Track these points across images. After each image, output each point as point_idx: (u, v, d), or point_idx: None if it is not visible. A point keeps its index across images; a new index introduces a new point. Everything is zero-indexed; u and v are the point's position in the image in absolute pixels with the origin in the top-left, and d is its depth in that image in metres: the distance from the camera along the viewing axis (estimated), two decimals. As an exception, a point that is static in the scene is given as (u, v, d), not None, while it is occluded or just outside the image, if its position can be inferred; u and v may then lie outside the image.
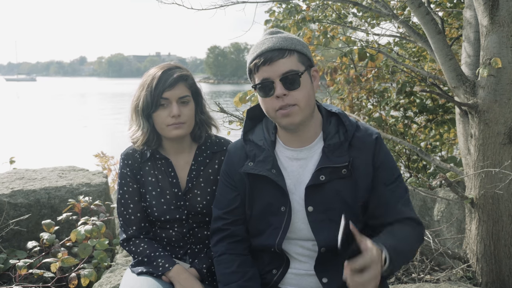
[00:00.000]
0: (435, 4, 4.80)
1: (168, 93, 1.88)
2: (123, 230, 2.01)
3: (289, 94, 1.60)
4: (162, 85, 1.88)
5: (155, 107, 1.89)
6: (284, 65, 1.60)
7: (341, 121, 1.72)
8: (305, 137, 1.71)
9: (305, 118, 1.65)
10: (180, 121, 1.90)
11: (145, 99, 1.90)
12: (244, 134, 1.81)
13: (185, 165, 2.03)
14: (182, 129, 1.92)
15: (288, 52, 1.61)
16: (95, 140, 14.95)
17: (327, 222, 1.67)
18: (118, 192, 2.04)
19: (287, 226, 1.69)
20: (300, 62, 1.63)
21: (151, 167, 2.02)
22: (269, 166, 1.69)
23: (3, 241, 3.07)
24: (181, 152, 2.03)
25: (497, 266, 2.81)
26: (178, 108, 1.89)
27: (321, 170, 1.65)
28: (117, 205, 2.04)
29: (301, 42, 1.68)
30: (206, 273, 1.94)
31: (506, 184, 2.69)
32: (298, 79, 1.61)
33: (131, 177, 2.01)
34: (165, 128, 1.91)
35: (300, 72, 1.61)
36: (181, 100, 1.92)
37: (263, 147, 1.73)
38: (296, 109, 1.61)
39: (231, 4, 3.59)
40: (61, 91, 66.80)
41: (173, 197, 1.99)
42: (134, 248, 1.97)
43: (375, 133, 1.70)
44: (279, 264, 1.75)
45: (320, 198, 1.66)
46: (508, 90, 2.61)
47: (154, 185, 2.00)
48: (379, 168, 1.68)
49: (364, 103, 5.39)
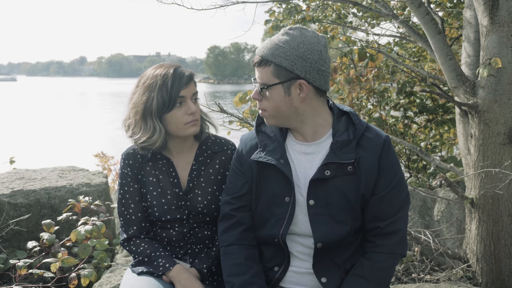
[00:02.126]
0: (435, 4, 4.80)
1: (184, 91, 1.89)
2: (124, 230, 2.01)
3: (261, 100, 1.74)
4: (178, 83, 1.88)
5: (171, 106, 1.88)
6: (259, 74, 1.71)
7: (351, 120, 1.76)
8: (312, 133, 1.76)
9: (279, 122, 1.77)
10: (198, 116, 1.93)
11: (159, 99, 1.87)
12: (256, 125, 1.87)
13: (186, 165, 2.03)
14: (198, 126, 1.95)
15: (264, 63, 1.69)
16: (95, 140, 14.95)
17: (326, 217, 1.70)
18: (118, 192, 2.03)
19: (291, 217, 1.73)
20: (274, 75, 1.68)
21: (152, 167, 2.01)
22: (277, 156, 1.74)
23: (3, 241, 3.07)
24: (182, 151, 2.03)
25: (497, 266, 2.81)
26: (194, 105, 1.92)
27: (327, 165, 1.68)
28: (118, 204, 2.03)
29: (288, 53, 1.65)
30: (207, 273, 1.94)
31: (506, 184, 2.69)
32: (264, 92, 1.71)
33: (132, 177, 2.01)
34: (183, 127, 1.91)
35: (266, 85, 1.69)
36: (194, 97, 1.94)
37: (274, 138, 1.79)
38: (266, 114, 1.75)
39: (231, 4, 3.59)
40: (43, 91, 65.44)
41: (174, 197, 1.98)
42: (135, 248, 1.96)
43: (385, 136, 1.74)
44: (280, 261, 1.78)
45: (322, 193, 1.69)
46: (508, 90, 2.61)
47: (155, 185, 2.00)
48: (384, 171, 1.70)
49: (364, 103, 5.38)
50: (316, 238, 1.70)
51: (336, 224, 1.70)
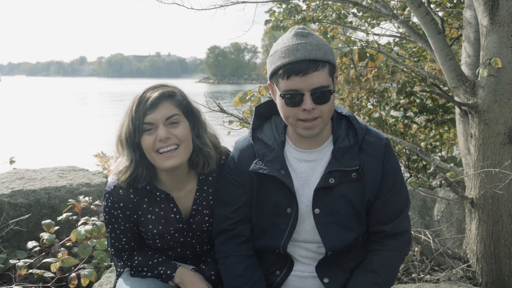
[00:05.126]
0: (435, 4, 4.80)
1: (151, 116, 1.65)
2: (114, 252, 1.89)
3: (316, 108, 1.57)
4: (142, 107, 1.64)
5: (139, 134, 1.66)
6: (316, 79, 1.54)
7: (351, 124, 1.72)
8: (315, 140, 1.70)
9: (324, 128, 1.65)
10: (171, 143, 1.66)
11: (128, 127, 1.67)
12: (252, 132, 1.77)
13: (188, 194, 1.85)
14: (175, 158, 1.67)
15: (321, 65, 1.55)
16: (95, 140, 14.95)
17: (333, 225, 1.67)
18: (106, 227, 1.85)
19: (292, 228, 1.69)
20: (329, 75, 1.59)
21: (149, 205, 1.80)
22: (278, 167, 1.68)
23: (3, 241, 3.07)
24: (180, 184, 1.82)
25: (497, 266, 2.81)
26: (165, 131, 1.66)
27: (331, 173, 1.65)
28: (107, 237, 1.88)
29: (330, 49, 1.63)
30: (215, 280, 1.87)
31: (506, 184, 2.68)
32: (328, 95, 1.57)
33: (123, 218, 1.80)
34: (155, 156, 1.67)
35: (331, 88, 1.57)
36: (169, 121, 1.67)
37: (272, 147, 1.71)
38: (319, 121, 1.60)
39: (231, 4, 3.60)
40: (29, 91, 64.33)
41: (177, 229, 1.85)
42: (129, 263, 1.88)
43: (385, 138, 1.71)
44: (282, 266, 1.76)
45: (327, 201, 1.66)
46: (508, 90, 2.61)
47: (155, 222, 1.82)
48: (387, 174, 1.69)
49: (364, 103, 5.38)
50: (327, 247, 1.67)
51: (343, 231, 1.68)
